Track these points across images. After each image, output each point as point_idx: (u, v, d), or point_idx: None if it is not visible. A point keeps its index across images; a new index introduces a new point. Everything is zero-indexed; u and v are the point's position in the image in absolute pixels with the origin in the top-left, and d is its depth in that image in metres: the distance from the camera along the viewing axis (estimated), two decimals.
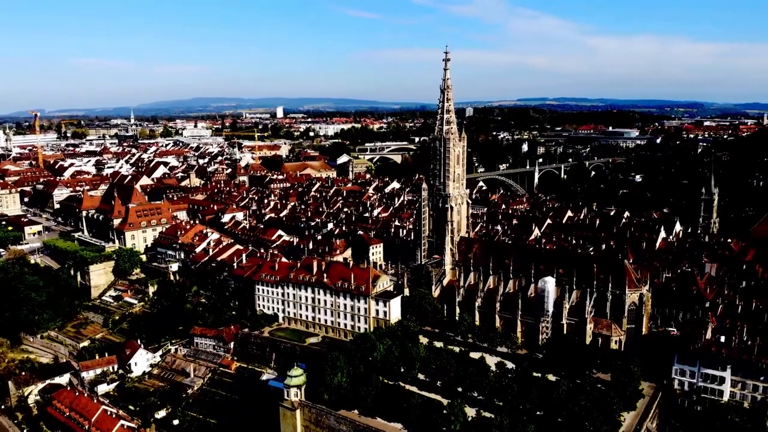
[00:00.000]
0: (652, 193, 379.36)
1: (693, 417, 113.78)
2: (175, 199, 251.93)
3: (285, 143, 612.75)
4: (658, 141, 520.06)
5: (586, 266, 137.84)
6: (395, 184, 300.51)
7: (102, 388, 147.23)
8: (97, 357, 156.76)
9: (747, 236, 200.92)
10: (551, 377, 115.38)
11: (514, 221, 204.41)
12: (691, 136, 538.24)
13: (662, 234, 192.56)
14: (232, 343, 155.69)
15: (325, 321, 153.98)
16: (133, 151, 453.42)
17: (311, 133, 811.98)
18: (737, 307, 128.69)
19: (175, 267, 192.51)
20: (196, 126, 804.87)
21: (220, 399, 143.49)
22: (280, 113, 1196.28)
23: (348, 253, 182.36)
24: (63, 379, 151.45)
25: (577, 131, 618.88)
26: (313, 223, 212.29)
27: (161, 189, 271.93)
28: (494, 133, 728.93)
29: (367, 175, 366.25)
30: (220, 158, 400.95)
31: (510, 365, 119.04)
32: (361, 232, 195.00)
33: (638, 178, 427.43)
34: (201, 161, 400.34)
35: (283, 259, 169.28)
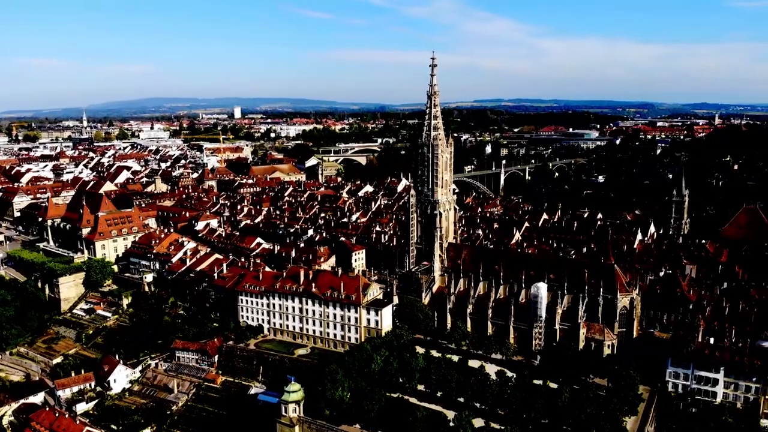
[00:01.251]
0: (615, 194, 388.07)
1: (688, 419, 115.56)
2: (143, 205, 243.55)
3: (247, 145, 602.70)
4: (618, 142, 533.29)
5: (577, 271, 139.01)
6: (368, 188, 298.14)
7: (81, 407, 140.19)
8: (72, 374, 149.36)
9: (717, 237, 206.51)
10: (552, 384, 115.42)
11: (495, 225, 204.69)
12: (649, 136, 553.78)
13: (639, 236, 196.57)
14: (216, 357, 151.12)
15: (314, 332, 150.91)
16: (91, 154, 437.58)
17: (272, 135, 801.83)
18: (724, 309, 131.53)
19: (149, 278, 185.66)
20: (152, 128, 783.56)
21: (207, 415, 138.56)
22: (237, 114, 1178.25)
23: (332, 260, 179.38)
24: (38, 398, 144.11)
25: (539, 133, 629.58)
26: (292, 230, 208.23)
27: (127, 195, 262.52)
28: (455, 135, 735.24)
29: (339, 179, 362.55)
30: (183, 162, 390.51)
31: (510, 373, 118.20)
32: (343, 239, 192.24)
33: (600, 178, 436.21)
34: (163, 165, 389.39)
35: (267, 269, 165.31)
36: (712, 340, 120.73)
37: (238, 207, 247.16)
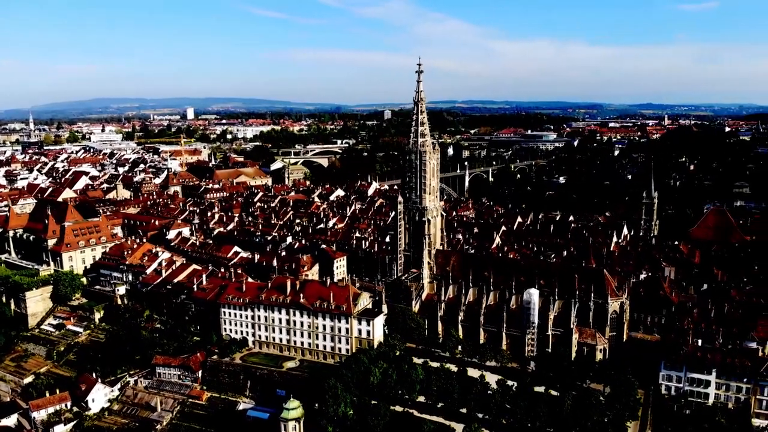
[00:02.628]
0: (576, 195, 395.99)
1: (683, 420, 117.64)
2: (108, 213, 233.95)
3: (204, 147, 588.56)
4: (575, 143, 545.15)
5: (567, 276, 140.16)
6: (339, 192, 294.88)
7: (59, 429, 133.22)
8: (47, 394, 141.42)
9: (687, 238, 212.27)
10: (552, 392, 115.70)
11: (475, 230, 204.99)
12: (605, 138, 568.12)
13: (614, 238, 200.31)
14: (200, 372, 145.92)
15: (302, 343, 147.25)
16: (43, 159, 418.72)
17: (228, 136, 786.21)
18: (710, 311, 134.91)
19: (122, 290, 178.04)
20: (103, 130, 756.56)
21: None
22: (190, 114, 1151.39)
23: (316, 269, 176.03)
24: (10, 421, 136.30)
25: (498, 135, 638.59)
26: (269, 238, 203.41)
27: (88, 203, 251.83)
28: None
29: (307, 182, 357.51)
30: (142, 166, 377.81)
31: (510, 382, 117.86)
32: (324, 246, 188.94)
33: (561, 179, 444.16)
34: (121, 169, 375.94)
35: (249, 279, 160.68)
36: (700, 342, 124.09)
37: (209, 214, 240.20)
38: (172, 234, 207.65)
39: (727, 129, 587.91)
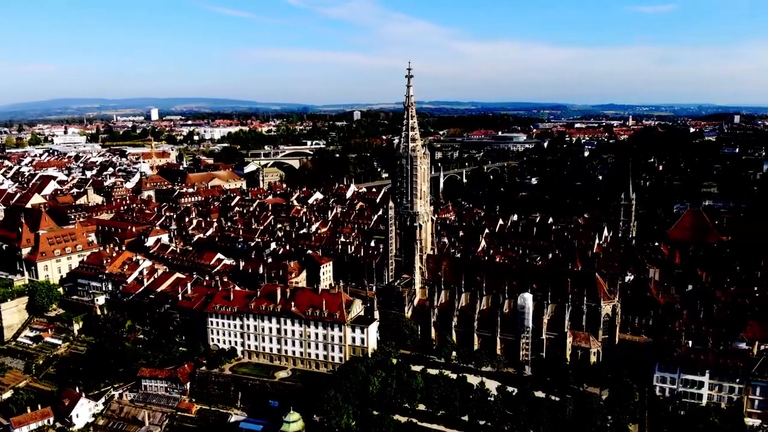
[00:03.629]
0: (548, 195, 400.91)
1: (678, 421, 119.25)
2: (82, 220, 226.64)
3: (172, 149, 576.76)
4: (545, 145, 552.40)
5: (559, 280, 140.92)
6: (318, 195, 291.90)
7: None
8: (28, 410, 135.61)
9: (664, 239, 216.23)
10: (552, 397, 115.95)
11: (460, 233, 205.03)
12: (574, 139, 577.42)
13: (597, 240, 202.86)
14: (188, 384, 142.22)
15: (293, 353, 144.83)
16: (6, 163, 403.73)
17: (196, 137, 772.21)
18: (699, 312, 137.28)
19: (102, 300, 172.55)
20: (66, 132, 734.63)
21: None
22: (155, 115, 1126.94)
23: (303, 275, 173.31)
24: None
25: (470, 136, 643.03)
26: (252, 244, 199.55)
27: (59, 209, 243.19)
28: (385, 137, 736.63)
29: (284, 185, 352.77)
30: (111, 169, 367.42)
31: (510, 388, 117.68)
32: (310, 252, 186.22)
33: (534, 180, 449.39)
34: (89, 173, 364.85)
35: (237, 288, 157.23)
36: (690, 344, 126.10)
37: (186, 219, 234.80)
38: (150, 241, 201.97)
39: (692, 130, 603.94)
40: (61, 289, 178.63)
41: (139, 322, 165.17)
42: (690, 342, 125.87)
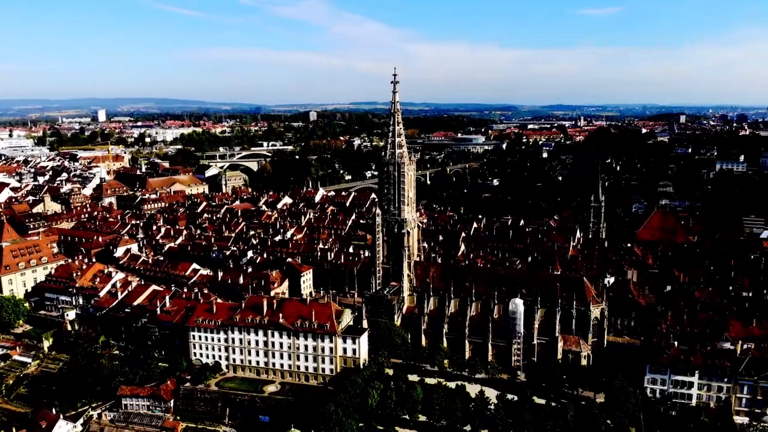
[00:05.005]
0: (511, 196, 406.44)
1: (670, 422, 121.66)
2: (43, 229, 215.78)
3: (125, 152, 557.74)
4: (504, 146, 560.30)
5: (548, 285, 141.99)
6: (287, 199, 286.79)
7: None
8: None
9: (633, 239, 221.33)
10: (553, 403, 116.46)
11: (440, 237, 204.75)
12: (531, 140, 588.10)
13: (572, 242, 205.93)
14: (172, 401, 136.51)
15: (282, 366, 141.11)
16: None
17: (147, 139, 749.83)
18: (684, 313, 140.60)
19: (72, 315, 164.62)
20: (11, 135, 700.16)
21: None
22: (102, 116, 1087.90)
23: (285, 285, 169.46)
24: None
25: (430, 138, 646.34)
26: (228, 252, 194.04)
27: (16, 218, 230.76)
28: (343, 138, 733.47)
29: (249, 189, 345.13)
30: (65, 175, 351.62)
31: (510, 396, 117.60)
32: (290, 260, 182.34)
33: (495, 182, 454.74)
34: (41, 179, 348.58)
35: (219, 300, 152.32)
36: (676, 344, 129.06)
37: (153, 227, 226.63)
38: (119, 251, 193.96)
39: (644, 130, 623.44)
40: (27, 304, 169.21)
41: (114, 337, 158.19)
42: (676, 343, 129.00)
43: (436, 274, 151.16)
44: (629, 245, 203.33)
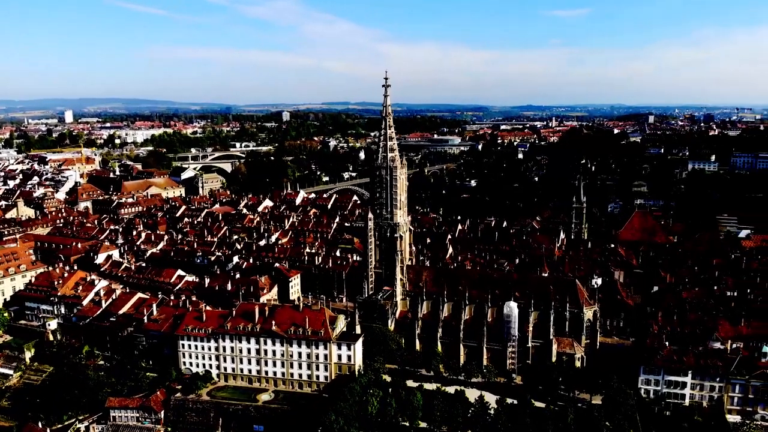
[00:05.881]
0: (489, 197, 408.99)
1: (664, 422, 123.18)
2: (19, 236, 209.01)
3: (95, 154, 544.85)
4: (480, 147, 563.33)
5: (541, 288, 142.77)
6: (268, 202, 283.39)
7: None
8: None
9: (615, 240, 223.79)
10: (552, 407, 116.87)
11: (428, 240, 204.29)
12: (505, 141, 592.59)
13: (556, 243, 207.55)
14: (162, 412, 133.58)
15: (275, 373, 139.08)
16: None
17: (117, 141, 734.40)
18: (673, 314, 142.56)
19: (54, 324, 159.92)
20: None
21: None
22: (69, 117, 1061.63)
23: (274, 291, 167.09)
24: None
25: (407, 139, 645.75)
26: (212, 258, 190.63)
27: None
28: (317, 138, 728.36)
29: (228, 192, 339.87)
30: (36, 179, 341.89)
31: (510, 400, 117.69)
32: (277, 265, 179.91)
33: (473, 183, 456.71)
34: (11, 183, 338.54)
35: (208, 307, 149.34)
36: (667, 344, 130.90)
37: (134, 233, 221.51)
38: (101, 258, 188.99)
39: (616, 131, 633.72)
40: (6, 314, 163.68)
41: (99, 347, 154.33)
42: (667, 343, 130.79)
43: (428, 278, 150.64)
44: (612, 246, 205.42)
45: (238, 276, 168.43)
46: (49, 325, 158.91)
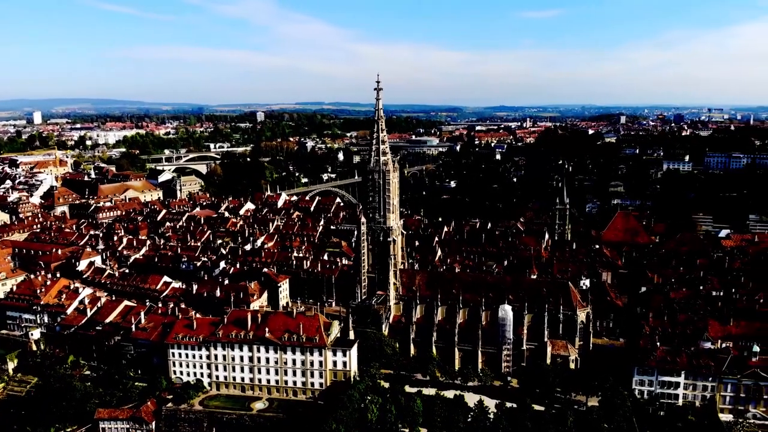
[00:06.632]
0: (469, 198, 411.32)
1: (659, 422, 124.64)
2: None
3: (67, 156, 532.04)
4: (458, 148, 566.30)
5: (534, 290, 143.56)
6: (249, 205, 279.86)
7: None
8: None
9: (595, 240, 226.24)
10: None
11: (416, 243, 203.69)
12: (483, 142, 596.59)
13: (542, 245, 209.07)
14: (153, 423, 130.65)
15: (268, 381, 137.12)
16: None
17: (88, 142, 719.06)
18: (664, 314, 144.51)
19: (37, 334, 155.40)
20: None
21: None
22: (38, 119, 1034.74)
23: (264, 297, 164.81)
24: None
25: None
26: (198, 264, 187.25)
27: None
28: (293, 139, 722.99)
29: (207, 195, 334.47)
30: (9, 182, 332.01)
31: (509, 404, 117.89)
32: (265, 270, 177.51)
33: (452, 184, 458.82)
34: None
35: (197, 315, 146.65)
36: (659, 344, 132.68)
37: (115, 238, 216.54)
38: (83, 264, 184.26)
39: (591, 131, 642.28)
40: None
41: (84, 357, 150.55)
42: (658, 344, 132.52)
43: (422, 282, 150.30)
44: (597, 246, 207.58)
45: (226, 282, 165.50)
46: (32, 334, 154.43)
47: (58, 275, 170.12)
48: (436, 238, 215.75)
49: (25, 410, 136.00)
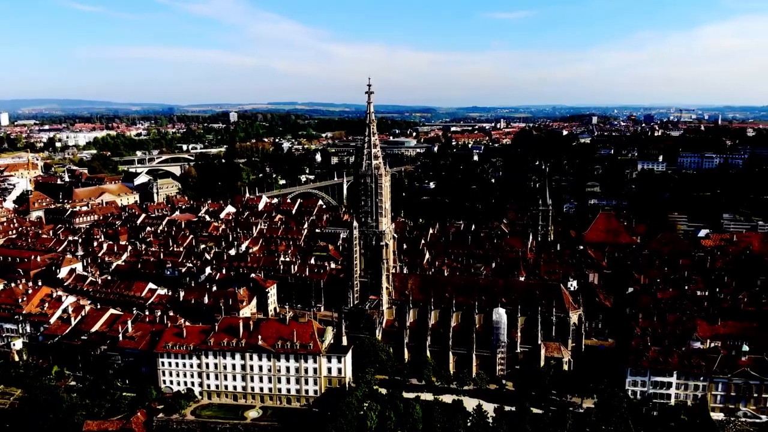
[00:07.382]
0: (448, 199, 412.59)
1: (652, 422, 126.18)
2: None
3: (37, 159, 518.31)
4: (435, 149, 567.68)
5: (526, 293, 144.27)
6: (230, 208, 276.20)
7: None
8: None
9: (578, 241, 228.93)
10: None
11: (404, 245, 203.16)
12: (460, 143, 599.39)
13: (528, 246, 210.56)
14: None
15: (261, 389, 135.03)
16: None
17: (58, 144, 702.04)
18: (653, 315, 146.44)
19: (19, 344, 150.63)
20: None
21: None
22: (5, 120, 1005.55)
23: (253, 303, 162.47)
24: None
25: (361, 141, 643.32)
26: (183, 269, 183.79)
27: None
28: (267, 139, 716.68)
29: (186, 198, 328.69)
30: None
31: (508, 408, 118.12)
32: (253, 275, 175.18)
33: (432, 185, 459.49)
34: None
35: (186, 323, 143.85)
36: (649, 344, 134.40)
37: (95, 244, 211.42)
38: (63, 272, 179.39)
39: (565, 132, 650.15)
40: None
41: (69, 367, 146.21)
42: (649, 343, 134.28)
43: (414, 286, 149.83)
44: (581, 247, 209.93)
45: (214, 288, 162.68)
46: (14, 345, 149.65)
47: (39, 283, 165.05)
48: (423, 241, 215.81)
49: (9, 423, 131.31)
